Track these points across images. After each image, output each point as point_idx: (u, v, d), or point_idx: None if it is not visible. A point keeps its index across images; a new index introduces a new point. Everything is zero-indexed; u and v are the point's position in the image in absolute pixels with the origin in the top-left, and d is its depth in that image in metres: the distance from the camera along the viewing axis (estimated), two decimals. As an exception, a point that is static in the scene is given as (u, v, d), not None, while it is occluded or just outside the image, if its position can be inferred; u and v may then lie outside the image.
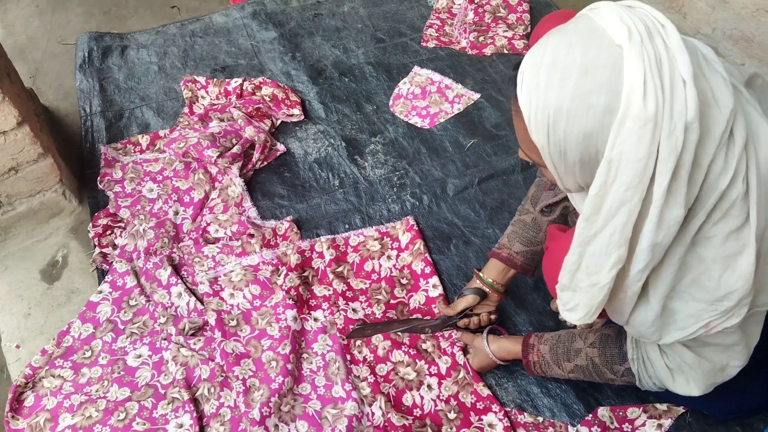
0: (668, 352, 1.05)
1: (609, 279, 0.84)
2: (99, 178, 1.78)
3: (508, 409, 1.36)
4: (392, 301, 1.55)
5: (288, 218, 1.69)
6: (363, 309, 1.53)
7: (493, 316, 1.42)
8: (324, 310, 1.52)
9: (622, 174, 0.76)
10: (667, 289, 0.86)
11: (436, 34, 2.29)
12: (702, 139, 0.76)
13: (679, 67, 0.74)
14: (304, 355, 1.45)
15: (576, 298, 0.91)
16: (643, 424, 1.34)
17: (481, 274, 1.41)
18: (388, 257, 1.62)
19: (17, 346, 1.50)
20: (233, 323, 1.49)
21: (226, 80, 2.05)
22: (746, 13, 1.95)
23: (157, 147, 1.90)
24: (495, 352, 1.35)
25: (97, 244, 1.64)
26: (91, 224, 1.67)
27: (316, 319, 1.51)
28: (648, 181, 0.76)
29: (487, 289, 1.40)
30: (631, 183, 0.76)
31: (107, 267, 1.61)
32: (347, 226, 1.69)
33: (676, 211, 0.77)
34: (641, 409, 1.35)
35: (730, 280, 0.83)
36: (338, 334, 1.48)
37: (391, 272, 1.59)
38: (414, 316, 1.52)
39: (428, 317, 1.51)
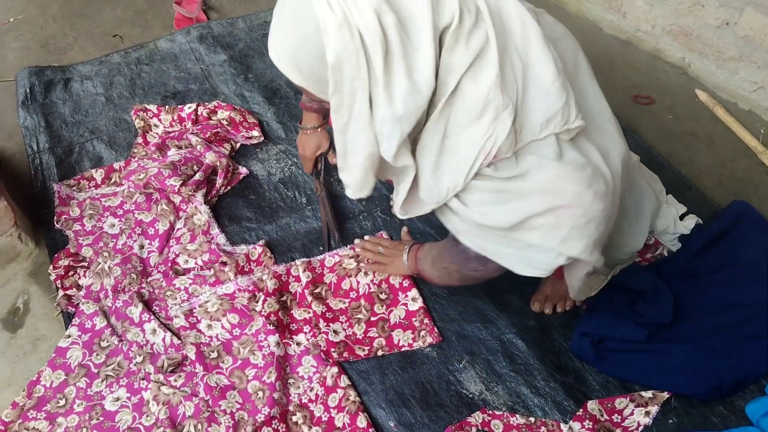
0: (470, 202, 1.07)
1: (363, 159, 0.99)
2: (55, 217, 1.70)
3: (499, 412, 1.37)
4: (372, 318, 1.54)
5: (260, 243, 1.66)
6: (344, 330, 1.51)
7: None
8: (306, 333, 1.50)
9: (345, 70, 0.89)
10: (438, 141, 0.99)
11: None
12: (406, 20, 0.90)
13: None
14: (290, 381, 1.43)
15: (351, 176, 1.05)
16: (632, 413, 1.37)
17: (305, 125, 1.68)
18: (365, 273, 1.60)
19: (-16, 403, 1.41)
20: (214, 355, 1.45)
21: (179, 107, 2.00)
22: (683, 9, 2.04)
23: (113, 180, 1.84)
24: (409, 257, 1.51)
25: (59, 286, 1.57)
26: (51, 266, 1.60)
27: (298, 343, 1.48)
28: (366, 67, 0.89)
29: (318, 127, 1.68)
30: (352, 74, 0.90)
31: (73, 309, 1.54)
32: (321, 247, 1.67)
33: (403, 84, 0.91)
34: (628, 398, 1.38)
35: (478, 90, 0.94)
36: (322, 355, 1.46)
37: (370, 288, 1.58)
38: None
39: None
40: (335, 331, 1.50)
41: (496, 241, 1.10)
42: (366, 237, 1.67)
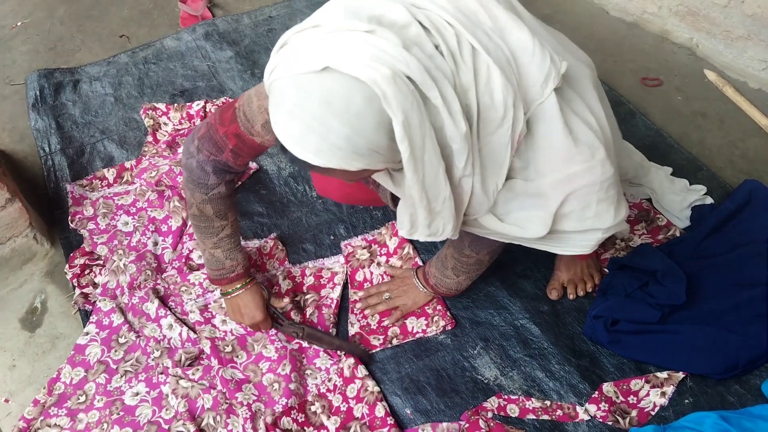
0: (504, 215, 1.10)
1: (448, 188, 0.97)
2: (70, 217, 1.72)
3: (515, 396, 1.38)
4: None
5: (272, 236, 1.67)
6: (359, 321, 1.52)
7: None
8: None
9: (412, 121, 0.85)
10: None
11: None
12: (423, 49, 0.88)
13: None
14: (308, 371, 1.44)
15: (443, 220, 1.03)
16: (647, 394, 1.37)
17: (232, 289, 1.42)
18: (378, 264, 1.61)
19: (6, 400, 1.44)
20: (228, 349, 1.47)
21: (187, 104, 2.02)
22: (689, -11, 2.02)
23: (124, 179, 1.85)
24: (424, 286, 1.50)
25: (76, 285, 1.59)
26: (67, 265, 1.62)
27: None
28: (424, 107, 0.87)
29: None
30: (419, 120, 0.86)
31: (90, 307, 1.56)
32: (333, 237, 1.68)
33: (456, 103, 0.89)
34: (643, 380, 1.38)
35: (495, 99, 0.93)
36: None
37: (383, 279, 1.59)
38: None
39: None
40: (351, 323, 1.51)
41: (536, 242, 1.14)
42: (359, 294, 1.56)
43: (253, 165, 1.87)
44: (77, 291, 1.58)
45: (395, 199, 1.26)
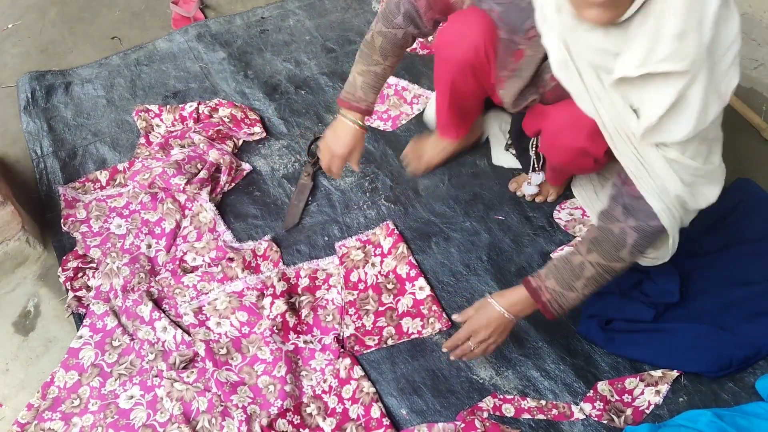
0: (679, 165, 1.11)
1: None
2: (62, 220, 1.71)
3: (510, 396, 1.38)
4: (380, 308, 1.55)
5: (266, 237, 1.67)
6: (354, 322, 1.52)
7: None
8: (314, 335, 1.51)
9: None
10: None
11: (385, 38, 2.30)
12: None
13: None
14: (303, 373, 1.44)
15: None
16: (642, 393, 1.38)
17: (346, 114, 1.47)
18: (372, 264, 1.61)
19: (-1, 405, 1.43)
20: (223, 351, 1.46)
21: (180, 106, 2.01)
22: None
23: (117, 182, 1.84)
24: (507, 309, 1.25)
25: (69, 288, 1.58)
26: (60, 268, 1.61)
27: (306, 342, 1.49)
28: None
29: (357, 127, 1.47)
30: None
31: (84, 311, 1.55)
32: (326, 238, 1.68)
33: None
34: (638, 378, 1.39)
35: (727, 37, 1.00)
36: (333, 346, 1.46)
37: (377, 279, 1.59)
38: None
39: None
40: (346, 324, 1.51)
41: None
42: (451, 356, 1.33)
43: (246, 166, 1.87)
44: (70, 294, 1.57)
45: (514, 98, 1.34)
